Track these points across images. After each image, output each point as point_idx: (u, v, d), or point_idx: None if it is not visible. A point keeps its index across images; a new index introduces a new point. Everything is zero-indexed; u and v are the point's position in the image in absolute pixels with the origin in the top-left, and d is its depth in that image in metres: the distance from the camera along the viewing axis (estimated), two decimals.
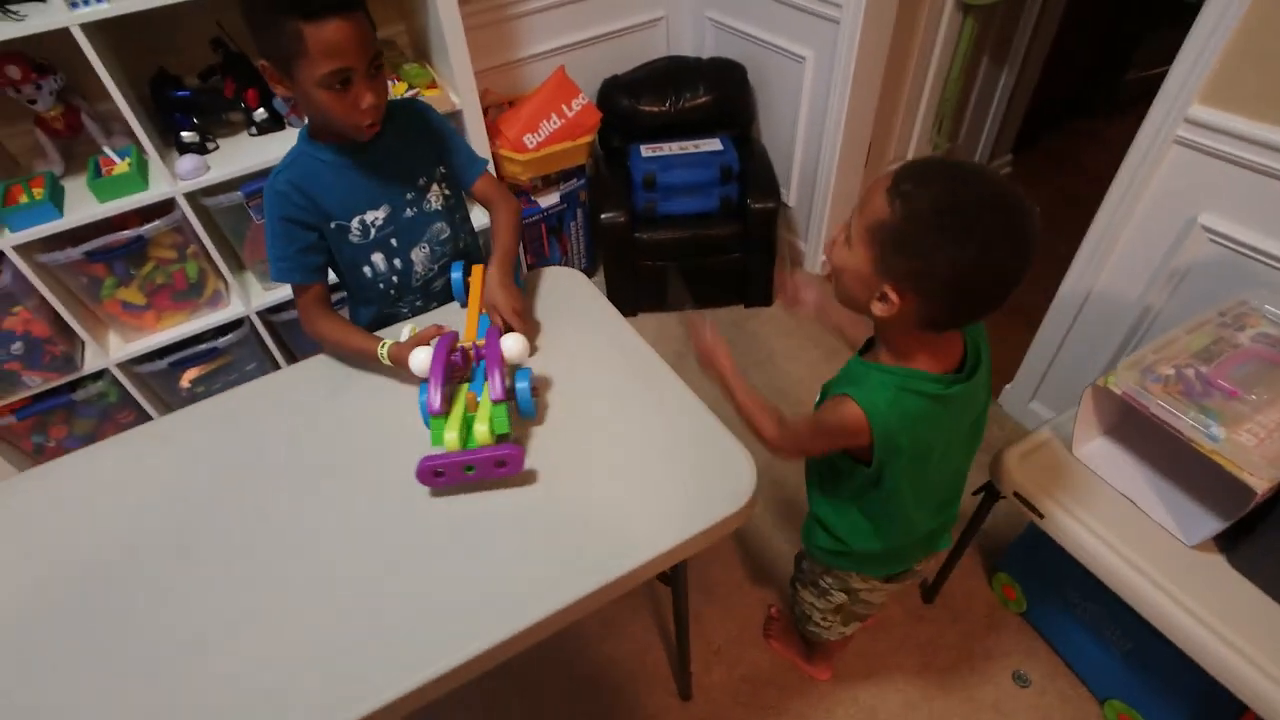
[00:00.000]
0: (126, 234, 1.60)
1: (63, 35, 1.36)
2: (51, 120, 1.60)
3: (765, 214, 2.15)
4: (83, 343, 1.74)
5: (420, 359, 1.02)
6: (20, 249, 1.52)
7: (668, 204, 2.20)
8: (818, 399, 0.97)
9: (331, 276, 1.23)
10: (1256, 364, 1.05)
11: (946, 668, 1.48)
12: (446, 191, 1.25)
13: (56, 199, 1.55)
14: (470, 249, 1.36)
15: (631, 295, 2.35)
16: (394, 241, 1.20)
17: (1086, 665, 1.40)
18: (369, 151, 1.11)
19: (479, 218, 1.55)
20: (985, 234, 0.71)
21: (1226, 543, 1.05)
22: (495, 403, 0.95)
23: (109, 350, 1.75)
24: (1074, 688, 1.42)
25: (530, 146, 2.08)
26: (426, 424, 0.97)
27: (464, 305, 1.20)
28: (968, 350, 0.88)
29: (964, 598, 1.59)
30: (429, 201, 1.22)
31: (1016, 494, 1.20)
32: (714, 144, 2.22)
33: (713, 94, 2.27)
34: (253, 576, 0.90)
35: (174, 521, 0.98)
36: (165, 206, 1.63)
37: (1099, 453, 1.20)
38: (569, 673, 1.54)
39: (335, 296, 1.25)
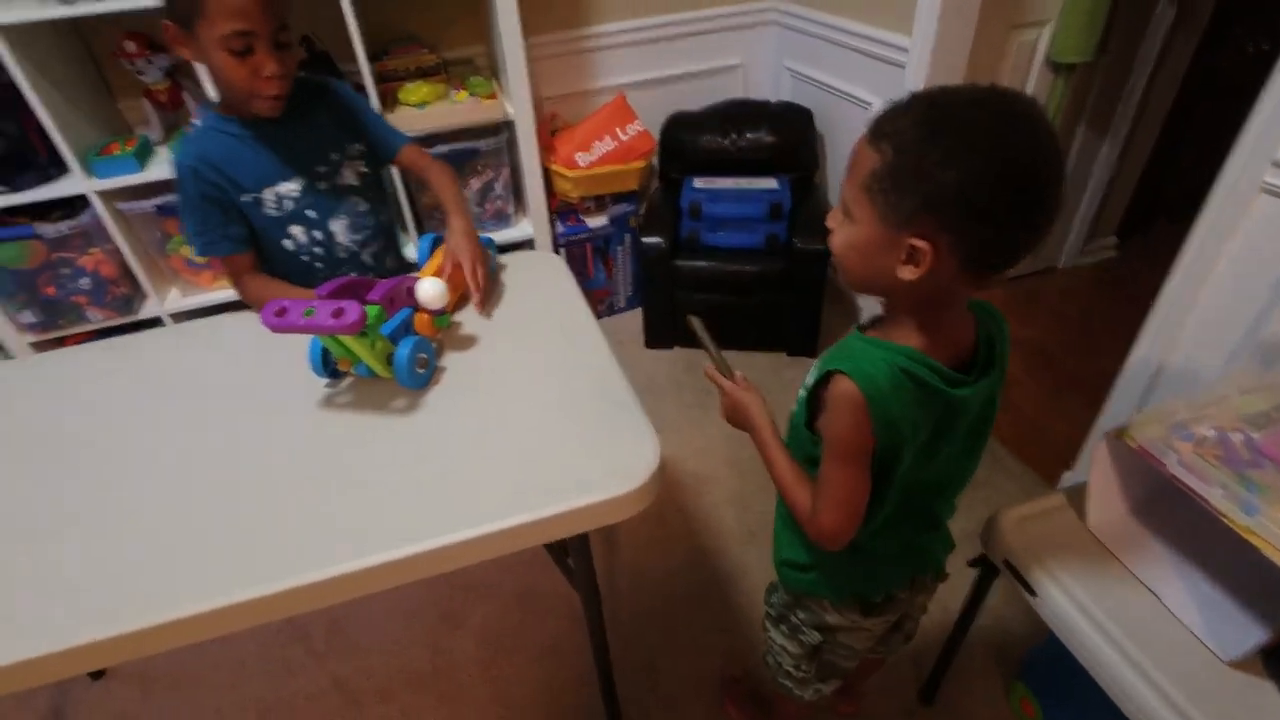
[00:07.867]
0: None
1: None
2: (157, 93, 1.82)
3: (811, 255, 2.05)
4: (143, 290, 1.91)
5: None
6: (103, 195, 1.71)
7: (712, 235, 2.16)
8: (808, 384, 0.80)
9: None
10: None
11: None
12: (364, 169, 1.24)
13: (142, 156, 1.75)
14: (390, 225, 1.35)
15: (667, 325, 2.31)
16: (310, 213, 1.19)
17: None
18: (278, 126, 1.11)
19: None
20: (987, 129, 0.61)
21: (1278, 666, 0.81)
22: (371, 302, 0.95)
23: (165, 300, 1.92)
24: None
25: (581, 165, 2.13)
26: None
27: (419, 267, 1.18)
28: (980, 344, 0.76)
29: (968, 700, 1.34)
30: (343, 175, 1.21)
31: (1007, 562, 1.00)
32: (769, 183, 2.18)
33: (776, 135, 2.25)
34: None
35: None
36: None
37: (1120, 530, 0.98)
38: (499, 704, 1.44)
39: None
